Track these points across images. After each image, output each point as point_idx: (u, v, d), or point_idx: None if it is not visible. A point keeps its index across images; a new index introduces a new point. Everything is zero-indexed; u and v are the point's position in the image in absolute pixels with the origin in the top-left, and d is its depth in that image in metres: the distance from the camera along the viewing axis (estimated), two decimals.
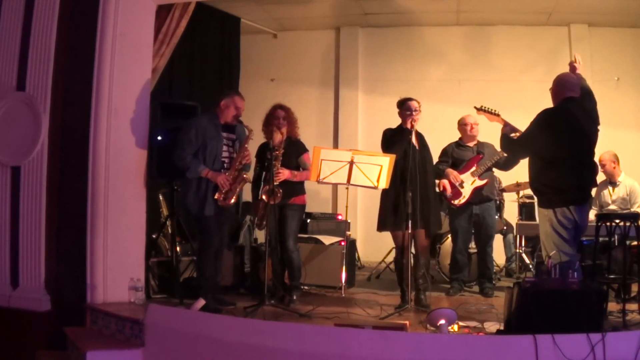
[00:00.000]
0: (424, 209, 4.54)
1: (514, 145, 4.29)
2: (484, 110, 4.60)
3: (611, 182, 5.72)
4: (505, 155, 5.24)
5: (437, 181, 5.16)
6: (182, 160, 4.47)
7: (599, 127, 4.13)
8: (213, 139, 4.53)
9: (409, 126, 4.62)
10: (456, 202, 5.26)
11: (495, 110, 4.56)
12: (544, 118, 4.01)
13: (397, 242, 4.69)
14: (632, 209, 5.58)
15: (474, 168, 5.28)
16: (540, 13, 7.46)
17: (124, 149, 4.71)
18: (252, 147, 4.84)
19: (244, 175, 4.59)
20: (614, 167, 5.66)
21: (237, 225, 6.19)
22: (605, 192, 5.72)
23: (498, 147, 5.28)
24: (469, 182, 5.26)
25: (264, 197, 4.61)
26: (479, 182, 5.25)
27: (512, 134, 4.34)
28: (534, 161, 4.09)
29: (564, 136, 3.90)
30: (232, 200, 4.53)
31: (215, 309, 4.29)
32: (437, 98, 7.63)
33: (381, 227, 4.73)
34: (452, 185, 5.25)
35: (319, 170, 4.70)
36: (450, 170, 5.27)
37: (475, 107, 4.76)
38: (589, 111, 4.07)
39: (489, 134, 5.53)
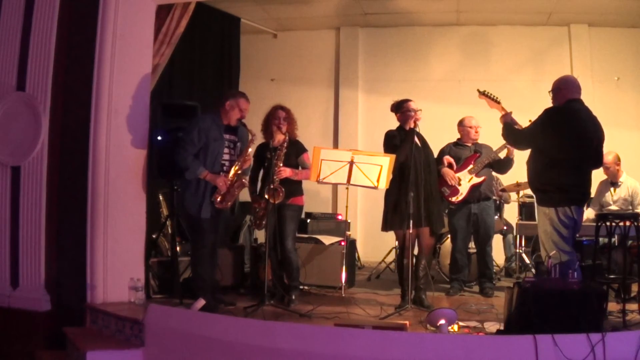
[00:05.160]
0: (428, 207, 4.55)
1: (518, 136, 4.30)
2: (487, 96, 4.61)
3: (612, 182, 5.72)
4: (500, 156, 5.26)
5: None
6: (182, 160, 4.45)
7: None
8: (216, 140, 4.51)
9: (412, 126, 4.62)
10: (454, 199, 5.26)
11: (497, 97, 4.56)
12: (550, 116, 4.01)
13: (400, 241, 4.68)
14: (635, 210, 5.57)
15: (471, 166, 5.29)
16: (540, 13, 7.46)
17: (124, 149, 4.71)
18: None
19: (243, 180, 4.59)
20: (618, 169, 5.66)
21: (237, 225, 6.19)
22: (607, 192, 5.72)
23: (494, 146, 5.33)
24: (466, 180, 5.27)
25: (266, 196, 4.60)
26: (476, 180, 5.26)
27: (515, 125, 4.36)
28: (537, 159, 4.09)
29: (569, 135, 3.91)
30: (229, 204, 4.54)
31: (214, 307, 4.30)
32: (437, 98, 7.63)
33: (385, 226, 4.73)
34: (450, 180, 5.25)
35: (319, 170, 4.70)
36: (446, 171, 5.26)
37: (478, 90, 4.72)
38: (594, 118, 4.07)
39: (488, 135, 5.54)
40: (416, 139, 4.60)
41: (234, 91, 4.77)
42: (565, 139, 3.90)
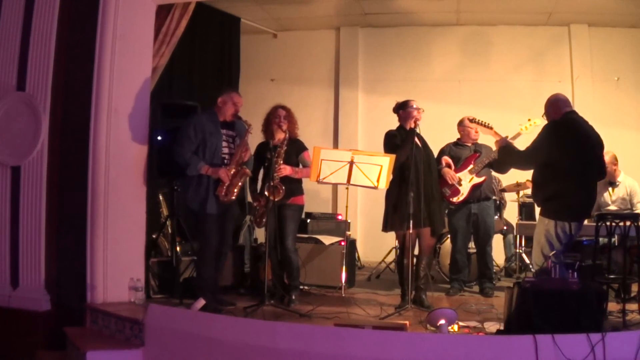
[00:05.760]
0: (429, 207, 4.55)
1: (517, 158, 4.35)
2: (477, 123, 4.67)
3: (610, 182, 5.71)
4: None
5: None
6: (181, 157, 4.47)
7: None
8: (212, 135, 4.54)
9: (412, 126, 4.62)
10: (455, 199, 5.26)
11: (488, 123, 4.62)
12: (553, 129, 4.06)
13: (400, 242, 4.68)
14: (634, 209, 5.57)
15: (471, 166, 5.29)
16: (540, 13, 7.46)
17: (124, 149, 4.71)
18: (251, 145, 4.84)
19: (244, 170, 4.59)
20: (615, 169, 5.66)
21: (237, 225, 6.19)
22: (605, 193, 5.71)
23: (493, 146, 5.32)
24: (467, 180, 5.27)
25: (266, 193, 4.61)
26: (477, 179, 5.26)
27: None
28: (542, 172, 4.11)
29: (574, 143, 3.97)
30: (234, 196, 4.52)
31: (215, 309, 4.29)
32: (437, 98, 7.63)
33: (385, 227, 4.73)
34: (451, 180, 5.24)
35: (319, 170, 4.70)
36: (446, 170, 5.25)
37: (467, 119, 4.81)
38: (592, 127, 4.12)
39: (488, 135, 5.54)
40: (416, 140, 4.60)
41: (224, 88, 4.78)
42: (571, 147, 3.95)
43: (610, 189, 5.70)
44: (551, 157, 3.99)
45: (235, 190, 4.52)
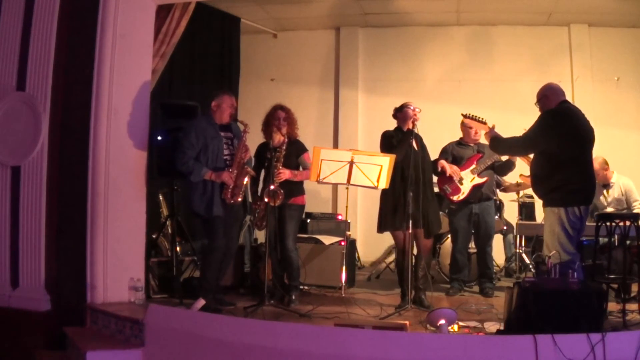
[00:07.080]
0: (423, 208, 4.55)
1: (510, 144, 4.35)
2: (472, 119, 4.66)
3: (604, 185, 5.70)
4: (502, 158, 5.26)
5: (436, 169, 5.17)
6: (184, 164, 4.46)
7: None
8: (214, 138, 4.54)
9: (410, 127, 4.62)
10: (455, 198, 5.26)
11: (482, 119, 4.61)
12: (550, 118, 4.05)
13: (397, 242, 4.69)
14: (630, 209, 5.56)
15: (473, 166, 5.28)
16: (540, 13, 7.46)
17: (124, 149, 4.71)
18: (251, 146, 4.84)
19: (247, 169, 4.60)
20: (606, 174, 5.66)
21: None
22: (600, 195, 5.71)
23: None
24: (468, 179, 5.26)
25: (265, 198, 4.61)
26: (479, 180, 5.26)
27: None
28: (542, 163, 4.10)
29: (573, 133, 3.97)
30: (240, 198, 4.54)
31: (215, 309, 4.29)
32: (437, 98, 7.63)
33: (381, 227, 4.73)
34: (451, 178, 5.24)
35: (319, 170, 4.70)
36: (449, 165, 5.24)
37: (462, 115, 4.81)
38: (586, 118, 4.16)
39: None
40: (414, 142, 4.60)
41: (215, 92, 4.78)
42: (570, 136, 3.96)
43: (604, 191, 5.69)
44: (550, 146, 3.99)
45: (241, 191, 4.54)
